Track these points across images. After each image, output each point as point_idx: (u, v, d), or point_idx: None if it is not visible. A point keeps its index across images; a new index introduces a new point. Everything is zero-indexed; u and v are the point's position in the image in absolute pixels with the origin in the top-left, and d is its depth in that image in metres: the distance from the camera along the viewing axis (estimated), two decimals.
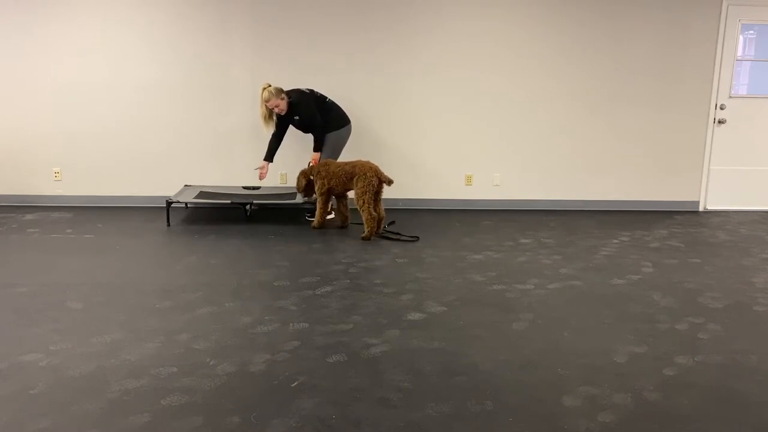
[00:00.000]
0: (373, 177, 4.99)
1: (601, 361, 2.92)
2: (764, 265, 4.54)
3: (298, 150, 5.99)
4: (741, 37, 6.20)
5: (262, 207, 6.10)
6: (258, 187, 6.05)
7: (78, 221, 5.51)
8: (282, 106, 5.28)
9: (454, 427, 2.36)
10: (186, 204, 5.96)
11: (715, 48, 6.13)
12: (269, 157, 5.52)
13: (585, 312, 3.55)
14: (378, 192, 5.06)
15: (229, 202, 5.55)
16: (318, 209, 5.34)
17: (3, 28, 5.84)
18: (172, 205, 5.44)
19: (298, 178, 5.33)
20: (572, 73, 6.14)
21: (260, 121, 5.42)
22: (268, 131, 5.46)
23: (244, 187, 6.08)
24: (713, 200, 6.48)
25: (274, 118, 5.39)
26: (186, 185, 6.06)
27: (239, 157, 6.16)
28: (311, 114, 5.38)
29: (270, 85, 5.28)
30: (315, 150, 5.46)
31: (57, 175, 6.14)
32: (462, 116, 6.18)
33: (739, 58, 6.26)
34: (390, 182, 5.07)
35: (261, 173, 5.54)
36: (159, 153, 6.13)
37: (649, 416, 2.45)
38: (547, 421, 2.41)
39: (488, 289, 3.90)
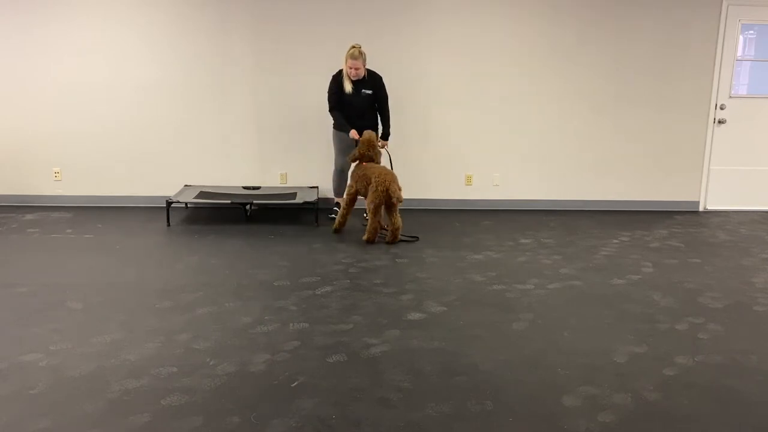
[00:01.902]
0: (382, 192, 4.87)
1: (601, 361, 2.92)
2: (764, 265, 4.54)
3: (298, 150, 5.99)
4: (741, 37, 6.20)
5: (262, 207, 6.10)
6: (258, 187, 6.05)
7: (78, 221, 5.51)
8: (362, 72, 5.16)
9: (454, 427, 2.36)
10: (186, 204, 5.96)
11: (715, 48, 6.13)
12: (347, 125, 5.30)
13: (585, 312, 3.55)
14: (391, 203, 4.95)
15: (229, 202, 5.55)
16: (341, 209, 5.22)
17: (3, 28, 5.84)
18: (172, 205, 5.44)
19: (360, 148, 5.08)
20: (572, 73, 6.14)
21: (345, 80, 5.20)
22: (348, 90, 5.22)
23: (244, 187, 6.08)
24: (713, 200, 6.48)
25: (349, 83, 5.19)
26: (186, 185, 6.06)
27: (239, 157, 6.16)
28: (386, 95, 5.37)
29: (360, 46, 5.18)
30: (385, 137, 5.42)
31: (57, 175, 6.14)
32: (462, 116, 6.18)
33: (739, 58, 6.25)
34: (399, 200, 4.91)
35: (356, 135, 5.27)
36: (159, 153, 6.13)
37: (649, 416, 2.45)
38: (547, 421, 2.41)
39: (488, 289, 3.90)
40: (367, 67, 5.27)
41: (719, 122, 6.28)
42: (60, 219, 5.59)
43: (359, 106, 5.28)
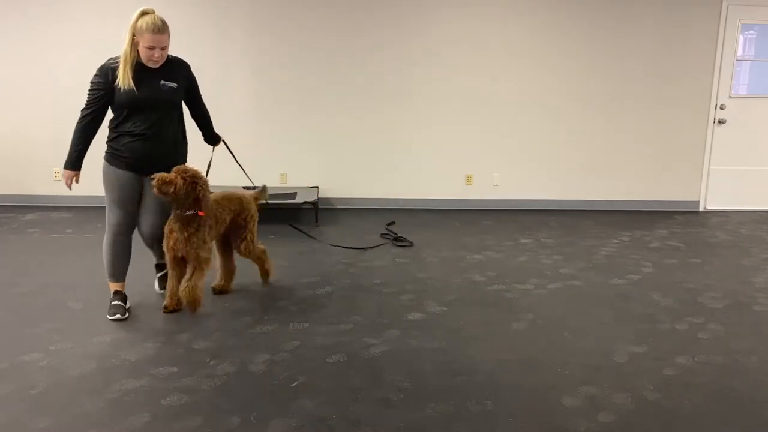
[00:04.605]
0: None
1: (601, 361, 2.92)
2: (764, 265, 4.54)
3: (298, 150, 5.98)
4: (741, 37, 6.20)
5: (262, 207, 6.09)
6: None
7: (78, 221, 5.51)
8: (166, 52, 3.31)
9: (454, 427, 2.35)
10: None
11: (715, 48, 6.13)
12: (76, 162, 3.35)
13: (585, 312, 3.55)
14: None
15: None
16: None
17: (3, 27, 5.84)
18: None
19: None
20: (572, 73, 6.14)
21: (122, 60, 3.22)
22: (124, 84, 3.19)
23: (244, 188, 6.07)
24: (713, 200, 6.48)
25: (130, 72, 3.20)
26: None
27: (239, 157, 6.15)
28: (198, 94, 3.69)
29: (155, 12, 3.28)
30: (217, 140, 3.96)
31: (57, 175, 6.13)
32: (462, 116, 6.18)
33: (739, 58, 6.25)
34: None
35: (67, 183, 3.39)
36: None
37: (649, 416, 2.45)
38: (547, 421, 2.41)
39: (488, 289, 3.90)
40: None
41: (719, 122, 6.28)
42: (60, 219, 5.59)
43: (157, 109, 3.30)
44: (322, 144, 6.13)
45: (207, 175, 3.66)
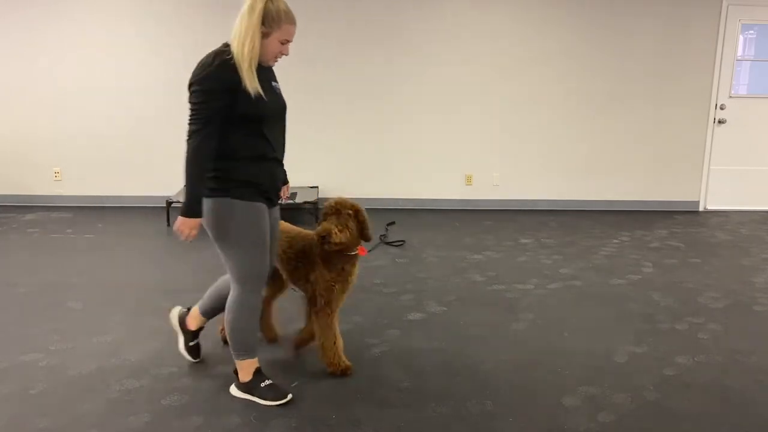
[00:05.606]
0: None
1: (601, 361, 2.92)
2: (764, 265, 4.54)
3: (299, 150, 5.97)
4: (741, 37, 6.20)
5: None
6: None
7: (78, 221, 5.51)
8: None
9: (454, 427, 2.36)
10: None
11: (715, 48, 6.13)
12: (199, 205, 2.55)
13: (585, 312, 3.55)
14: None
15: None
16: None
17: (3, 27, 5.84)
18: (172, 205, 5.44)
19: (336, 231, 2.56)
20: (572, 73, 6.14)
21: (246, 59, 2.42)
22: (253, 90, 2.34)
23: None
24: (713, 200, 6.48)
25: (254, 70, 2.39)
26: None
27: None
28: None
29: None
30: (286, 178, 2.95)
31: (57, 175, 6.14)
32: (462, 116, 6.18)
33: (739, 57, 6.25)
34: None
35: (188, 235, 2.60)
36: (159, 153, 6.12)
37: (648, 416, 2.45)
38: (547, 421, 2.41)
39: (488, 289, 3.90)
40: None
41: (719, 122, 6.28)
42: (60, 219, 5.59)
43: (280, 119, 2.57)
44: (322, 144, 6.12)
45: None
